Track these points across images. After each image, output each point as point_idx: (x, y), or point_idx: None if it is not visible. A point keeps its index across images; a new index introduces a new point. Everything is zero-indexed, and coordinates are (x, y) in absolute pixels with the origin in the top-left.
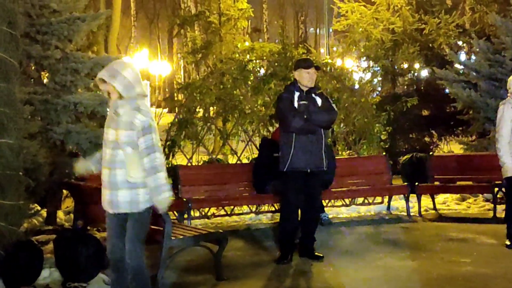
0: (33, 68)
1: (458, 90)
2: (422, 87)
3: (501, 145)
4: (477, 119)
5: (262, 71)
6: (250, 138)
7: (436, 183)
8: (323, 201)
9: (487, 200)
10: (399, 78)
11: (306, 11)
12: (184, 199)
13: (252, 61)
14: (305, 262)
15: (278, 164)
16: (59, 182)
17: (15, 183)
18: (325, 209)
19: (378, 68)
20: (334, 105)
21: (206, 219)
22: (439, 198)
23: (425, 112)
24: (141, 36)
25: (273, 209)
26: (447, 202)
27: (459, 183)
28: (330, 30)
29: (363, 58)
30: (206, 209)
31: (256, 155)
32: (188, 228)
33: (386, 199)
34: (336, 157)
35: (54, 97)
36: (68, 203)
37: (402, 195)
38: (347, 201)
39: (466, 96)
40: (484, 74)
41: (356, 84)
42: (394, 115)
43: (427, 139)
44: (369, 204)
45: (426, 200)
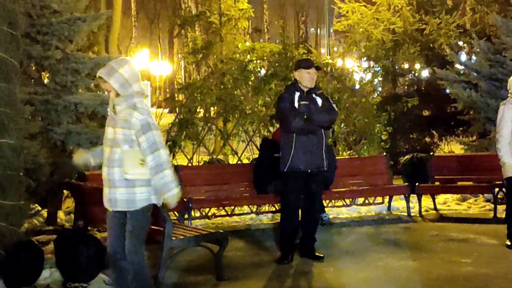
0: (34, 69)
1: (459, 91)
2: (423, 88)
3: (502, 146)
4: (478, 120)
5: (263, 71)
6: (251, 139)
7: (437, 183)
8: (324, 201)
9: (488, 201)
10: (400, 79)
11: (307, 11)
12: (185, 199)
13: (253, 61)
14: (306, 262)
15: (279, 165)
16: (60, 183)
17: (16, 183)
18: (326, 209)
19: (379, 69)
20: (335, 105)
21: (207, 219)
22: (440, 198)
23: (426, 113)
24: (142, 37)
25: (274, 210)
26: (448, 202)
27: (460, 184)
28: (331, 30)
29: (364, 58)
30: (207, 209)
31: (257, 156)
32: (189, 229)
33: (387, 199)
34: (337, 157)
35: (55, 98)
36: (69, 203)
37: (403, 196)
38: (348, 201)
39: (467, 97)
40: (485, 75)
41: (357, 85)
42: (395, 115)
43: (428, 139)
44: (370, 204)
45: (427, 200)
